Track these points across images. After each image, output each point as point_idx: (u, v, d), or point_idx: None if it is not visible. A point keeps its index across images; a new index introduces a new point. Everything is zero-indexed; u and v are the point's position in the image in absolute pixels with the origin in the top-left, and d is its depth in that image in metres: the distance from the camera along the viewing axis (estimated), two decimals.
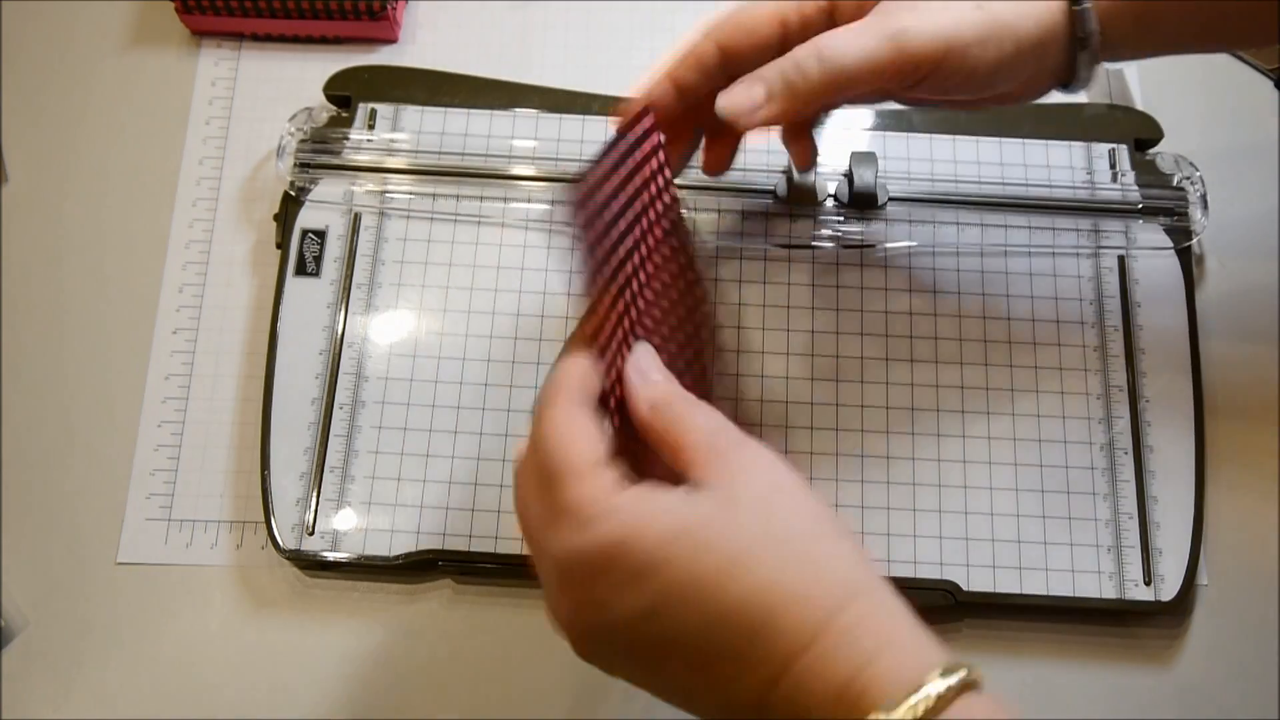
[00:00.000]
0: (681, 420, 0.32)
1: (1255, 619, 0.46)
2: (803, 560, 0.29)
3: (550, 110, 0.53)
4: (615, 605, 0.29)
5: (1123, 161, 0.51)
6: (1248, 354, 0.50)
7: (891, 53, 0.35)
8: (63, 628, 0.46)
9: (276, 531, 0.46)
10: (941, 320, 0.49)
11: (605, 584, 0.29)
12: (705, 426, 0.31)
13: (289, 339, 0.49)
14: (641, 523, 0.29)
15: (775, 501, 0.30)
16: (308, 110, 0.52)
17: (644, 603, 0.28)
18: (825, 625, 0.28)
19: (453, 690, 0.45)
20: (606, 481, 0.30)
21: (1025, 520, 0.46)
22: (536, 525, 0.31)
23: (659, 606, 0.28)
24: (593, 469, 0.30)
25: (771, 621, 0.27)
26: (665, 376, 0.34)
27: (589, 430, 0.31)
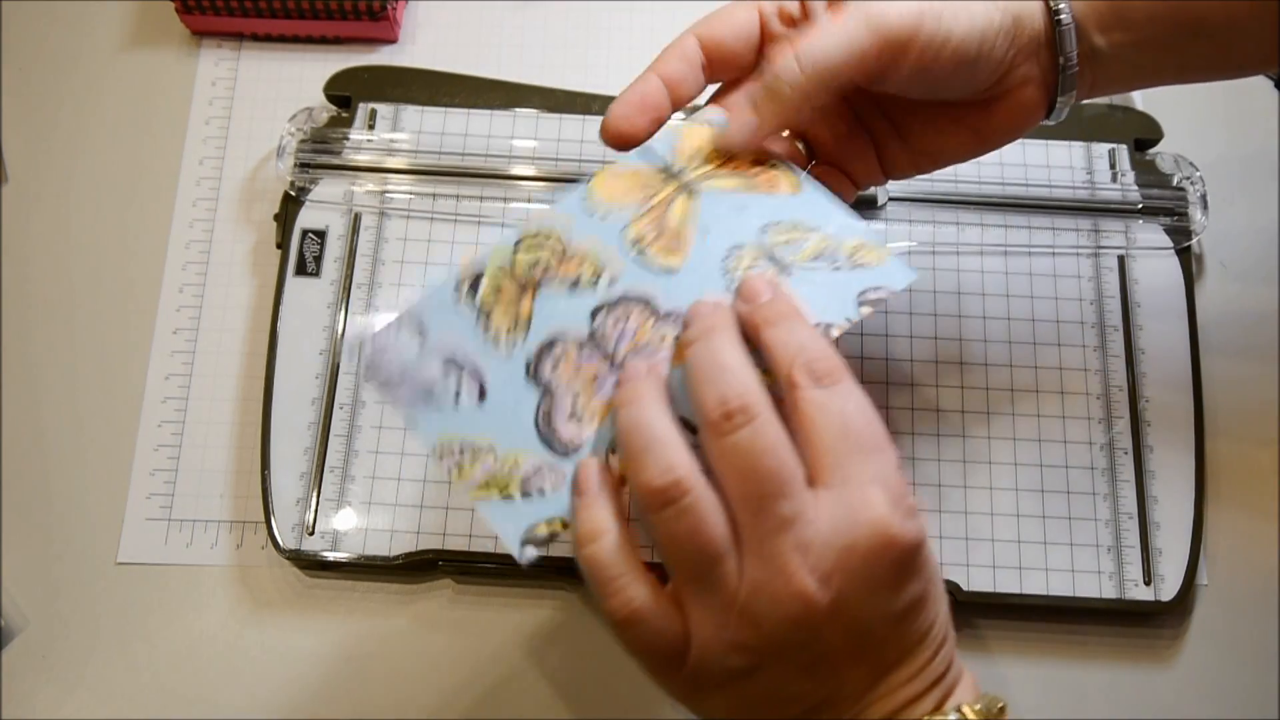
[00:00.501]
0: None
1: (1255, 619, 0.46)
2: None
3: (550, 110, 0.53)
4: (891, 599, 0.30)
5: (1123, 161, 0.51)
6: (1248, 354, 0.50)
7: (869, 35, 0.35)
8: (63, 628, 0.46)
9: (276, 531, 0.46)
10: (941, 320, 0.49)
11: (903, 574, 0.30)
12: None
13: (289, 339, 0.49)
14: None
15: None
16: (308, 110, 0.52)
17: (904, 603, 0.30)
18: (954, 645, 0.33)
19: (453, 690, 0.45)
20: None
21: (1025, 520, 0.46)
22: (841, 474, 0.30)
23: (911, 607, 0.30)
24: (898, 460, 0.32)
25: (946, 639, 0.32)
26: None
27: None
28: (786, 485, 0.29)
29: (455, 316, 0.35)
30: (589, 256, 0.36)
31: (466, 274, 0.36)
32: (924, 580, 0.31)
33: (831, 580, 0.29)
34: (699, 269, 0.36)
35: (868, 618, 0.30)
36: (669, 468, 0.30)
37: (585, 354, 0.35)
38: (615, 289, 0.35)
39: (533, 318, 0.35)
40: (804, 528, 0.29)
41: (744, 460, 0.30)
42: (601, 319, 0.35)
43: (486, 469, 0.33)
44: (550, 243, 0.36)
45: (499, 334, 0.35)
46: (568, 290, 0.35)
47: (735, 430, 0.30)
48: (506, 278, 0.36)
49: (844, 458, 0.30)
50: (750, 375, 0.31)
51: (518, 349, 0.35)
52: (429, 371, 0.35)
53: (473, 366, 0.35)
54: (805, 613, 0.29)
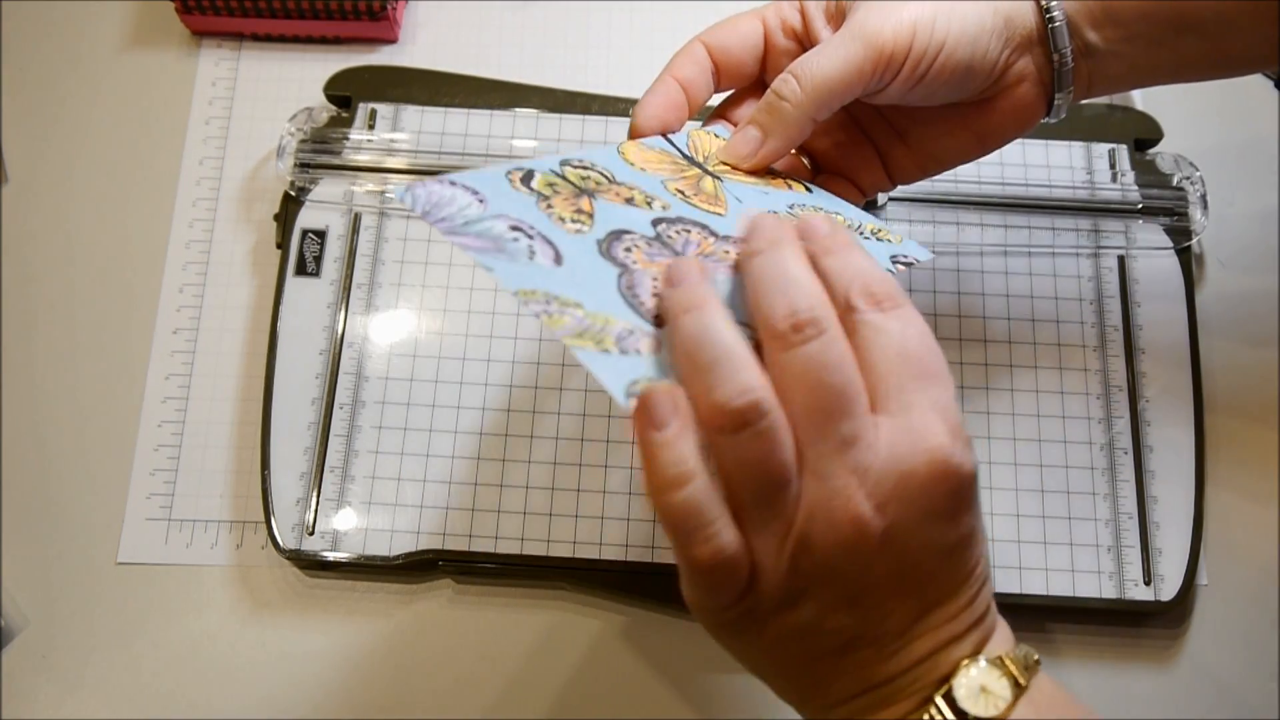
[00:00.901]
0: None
1: (1255, 619, 0.46)
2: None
3: (550, 110, 0.53)
4: (944, 530, 0.29)
5: (1122, 161, 0.51)
6: (1247, 354, 0.50)
7: (865, 51, 0.36)
8: (63, 628, 0.46)
9: (276, 531, 0.46)
10: (941, 320, 0.49)
11: (958, 506, 0.29)
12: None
13: (289, 339, 0.49)
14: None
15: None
16: (308, 110, 0.52)
17: (956, 536, 0.30)
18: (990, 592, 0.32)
19: (453, 690, 0.45)
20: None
21: (1025, 520, 0.46)
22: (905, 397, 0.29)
23: (961, 542, 0.30)
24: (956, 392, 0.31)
25: (978, 575, 0.31)
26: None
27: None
28: (851, 404, 0.28)
29: (513, 194, 0.33)
30: (638, 188, 0.35)
31: (516, 167, 0.34)
32: (975, 515, 0.30)
33: (887, 508, 0.28)
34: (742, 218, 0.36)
35: (919, 548, 0.29)
36: (747, 388, 0.28)
37: (654, 250, 0.33)
38: (671, 212, 0.35)
39: (594, 215, 0.33)
40: (863, 451, 0.28)
41: (813, 375, 0.28)
42: (664, 229, 0.34)
43: (578, 320, 0.30)
44: (595, 171, 0.35)
45: (563, 219, 0.33)
46: (623, 204, 0.34)
47: (806, 342, 0.29)
48: (559, 180, 0.34)
49: (904, 383, 0.29)
50: (819, 289, 0.30)
51: (587, 234, 0.33)
52: (496, 229, 0.31)
53: (542, 235, 0.32)
54: (858, 539, 0.28)
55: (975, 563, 0.31)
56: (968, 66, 0.37)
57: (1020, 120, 0.40)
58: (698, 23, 0.57)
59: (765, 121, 0.38)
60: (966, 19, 0.37)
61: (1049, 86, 0.40)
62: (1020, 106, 0.40)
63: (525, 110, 0.53)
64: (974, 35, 0.37)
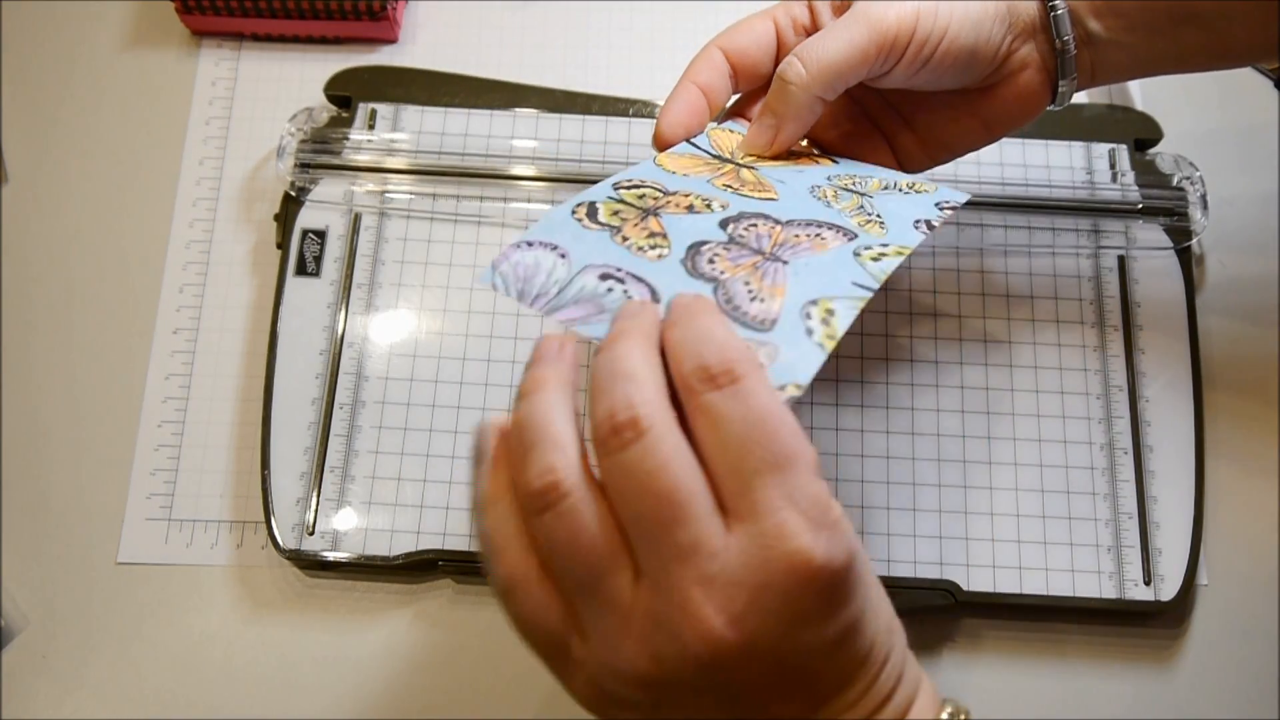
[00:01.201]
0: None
1: (1255, 619, 0.46)
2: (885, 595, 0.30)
3: (550, 110, 0.53)
4: (821, 630, 0.27)
5: (1122, 161, 0.51)
6: (1247, 354, 0.50)
7: (869, 34, 0.37)
8: (63, 628, 0.46)
9: (276, 531, 0.46)
10: (941, 320, 0.49)
11: (832, 602, 0.27)
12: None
13: (289, 339, 0.49)
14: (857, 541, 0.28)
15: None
16: (308, 110, 0.52)
17: (836, 632, 0.27)
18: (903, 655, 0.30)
19: (453, 690, 0.45)
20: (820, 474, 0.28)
21: (1025, 520, 0.46)
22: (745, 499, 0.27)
23: (845, 633, 0.27)
24: (814, 463, 0.27)
25: (889, 655, 0.29)
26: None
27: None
28: (682, 509, 0.26)
29: (586, 234, 0.33)
30: (692, 192, 0.36)
31: (578, 204, 0.34)
32: (858, 600, 0.27)
33: (745, 621, 0.26)
34: (795, 199, 0.37)
35: (792, 653, 0.27)
36: (548, 468, 0.27)
37: (733, 254, 0.33)
38: (731, 210, 0.35)
39: (667, 233, 0.34)
40: (707, 561, 0.26)
41: (636, 481, 0.26)
42: (733, 228, 0.34)
43: None
44: (647, 187, 0.36)
45: (641, 248, 0.33)
46: (687, 213, 0.35)
47: (624, 447, 0.26)
48: (621, 204, 0.35)
49: (749, 480, 0.26)
50: (650, 384, 0.27)
51: (668, 255, 0.32)
52: (589, 286, 0.31)
53: (631, 274, 0.32)
54: (713, 654, 0.26)
55: (868, 645, 0.28)
56: (971, 51, 0.38)
57: (1025, 107, 0.41)
58: (697, 23, 0.57)
59: (777, 107, 0.38)
60: (970, 4, 0.38)
61: (1053, 74, 0.40)
62: (1025, 93, 0.40)
63: (525, 110, 0.53)
64: (977, 20, 0.38)
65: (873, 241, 0.34)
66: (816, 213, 0.36)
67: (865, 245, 0.34)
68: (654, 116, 0.52)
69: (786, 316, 0.31)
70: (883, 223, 0.36)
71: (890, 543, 0.46)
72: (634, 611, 0.27)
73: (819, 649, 0.27)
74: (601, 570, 0.27)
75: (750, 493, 0.26)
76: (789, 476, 0.26)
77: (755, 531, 0.26)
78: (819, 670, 0.27)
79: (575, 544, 0.27)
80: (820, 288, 0.32)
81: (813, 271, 0.32)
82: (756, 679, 0.27)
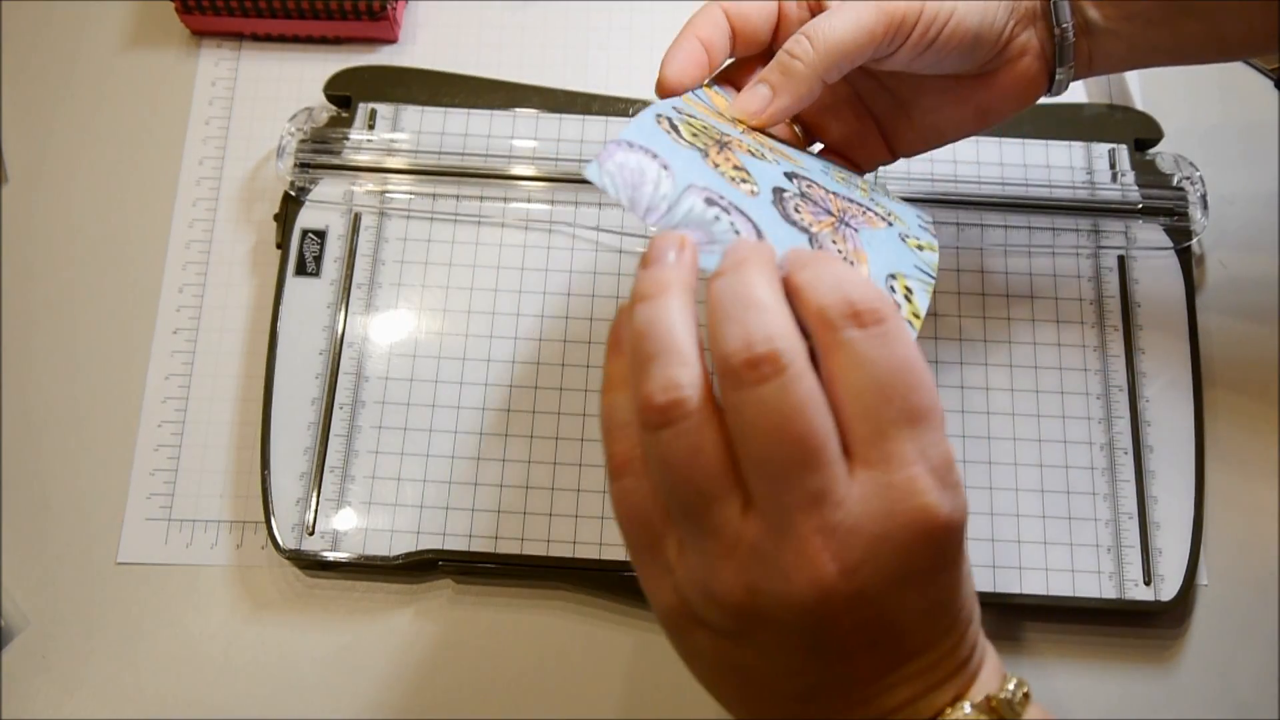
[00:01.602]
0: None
1: (1255, 619, 0.46)
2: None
3: (550, 110, 0.53)
4: (925, 590, 0.27)
5: (1122, 161, 0.51)
6: (1247, 354, 0.50)
7: (876, 13, 0.36)
8: (63, 628, 0.46)
9: (276, 531, 0.46)
10: (941, 320, 0.49)
11: (942, 561, 0.27)
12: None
13: (289, 339, 0.49)
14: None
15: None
16: (308, 110, 0.52)
17: (937, 594, 0.27)
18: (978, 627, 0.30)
19: (453, 690, 0.45)
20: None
21: (1025, 520, 0.46)
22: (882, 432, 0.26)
23: (952, 589, 0.28)
24: (944, 420, 0.27)
25: (961, 621, 0.29)
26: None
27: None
28: (815, 456, 0.25)
29: (678, 148, 0.31)
30: (740, 139, 0.35)
31: (657, 114, 0.33)
32: (963, 563, 0.28)
33: (859, 572, 0.25)
34: (814, 167, 0.36)
35: (894, 609, 0.26)
36: (673, 384, 0.26)
37: (812, 208, 0.32)
38: (784, 165, 0.34)
39: (747, 167, 0.32)
40: (832, 509, 0.25)
41: (769, 421, 0.25)
42: (798, 184, 0.33)
43: None
44: (698, 121, 0.35)
45: (731, 178, 0.31)
46: (750, 156, 0.33)
47: (761, 382, 0.25)
48: (698, 121, 0.33)
49: (885, 427, 0.26)
50: (785, 317, 0.26)
51: (759, 194, 0.31)
52: (697, 210, 0.30)
53: (735, 206, 0.30)
54: (821, 601, 0.26)
55: (958, 610, 0.28)
56: (976, 35, 0.38)
57: (1022, 95, 0.41)
58: None
59: (776, 80, 0.37)
60: None
61: (1050, 62, 0.40)
62: (1022, 80, 0.40)
63: (525, 110, 0.53)
64: (983, 3, 0.38)
65: (907, 231, 0.34)
66: (845, 191, 0.36)
67: (904, 233, 0.34)
68: None
69: (875, 283, 0.30)
70: (898, 217, 0.36)
71: None
72: (740, 542, 0.26)
73: (920, 607, 0.27)
74: (712, 496, 0.26)
75: (885, 441, 0.26)
76: (925, 430, 0.26)
77: (885, 482, 0.26)
78: (912, 627, 0.27)
79: (691, 466, 0.26)
80: (894, 263, 0.31)
81: (881, 245, 0.32)
82: (852, 628, 0.26)
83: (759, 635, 0.27)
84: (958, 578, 0.28)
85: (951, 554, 0.27)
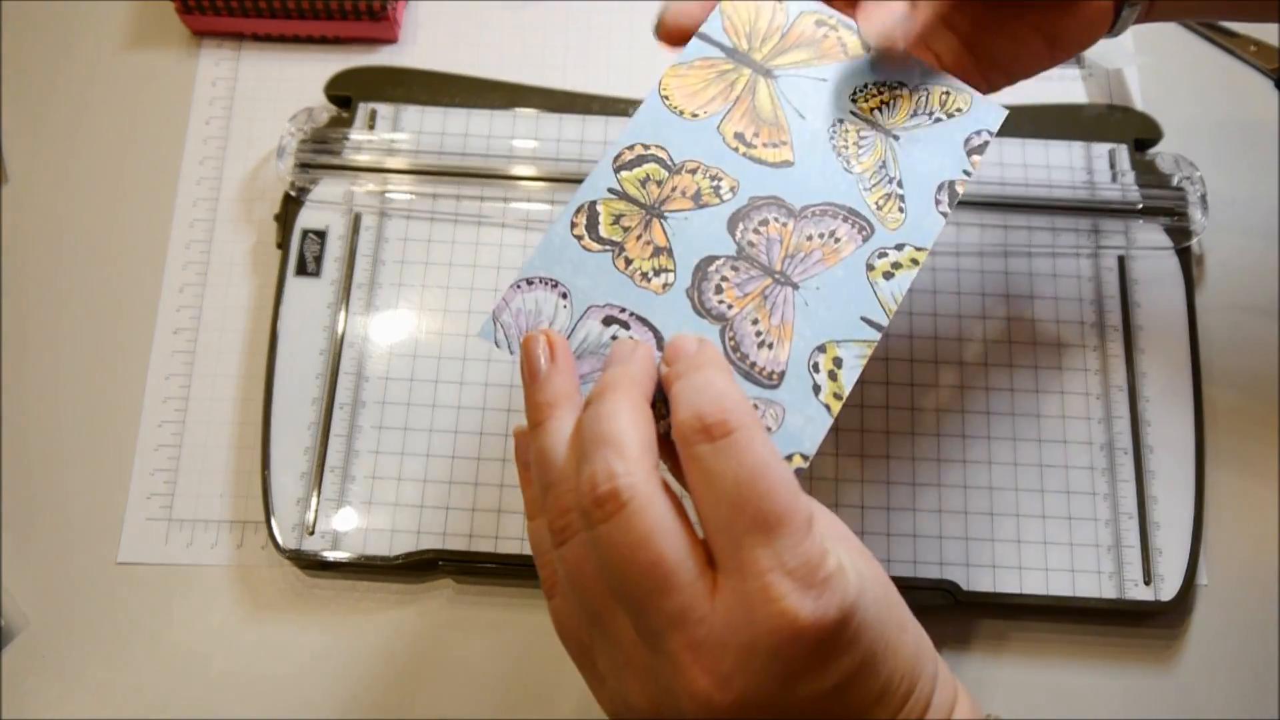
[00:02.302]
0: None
1: (1255, 619, 0.46)
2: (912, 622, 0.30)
3: (550, 110, 0.53)
4: (815, 682, 0.26)
5: (1122, 161, 0.51)
6: (1247, 354, 0.50)
7: None
8: (63, 628, 0.46)
9: (276, 531, 0.46)
10: (941, 320, 0.49)
11: (824, 657, 0.26)
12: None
13: (289, 339, 0.49)
14: (862, 585, 0.27)
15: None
16: (308, 110, 0.52)
17: (834, 681, 0.27)
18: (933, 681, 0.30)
19: (453, 690, 0.45)
20: (818, 528, 0.27)
21: (1025, 520, 0.46)
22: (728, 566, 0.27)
23: (852, 677, 0.27)
24: (809, 519, 0.27)
25: (914, 687, 0.29)
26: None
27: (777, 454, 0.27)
28: (668, 580, 0.26)
29: (586, 259, 0.32)
30: (699, 164, 0.34)
31: (577, 208, 0.33)
32: (862, 646, 0.27)
33: (733, 681, 0.26)
34: (812, 157, 0.35)
35: (791, 707, 0.26)
36: (567, 512, 0.28)
37: (742, 273, 0.32)
38: (741, 195, 0.34)
39: (671, 244, 0.33)
40: (695, 625, 0.26)
41: (618, 554, 0.26)
42: (742, 230, 0.33)
43: None
44: (651, 152, 0.34)
45: (644, 272, 0.32)
46: (694, 205, 0.33)
47: (607, 519, 0.26)
48: (622, 203, 0.34)
49: (739, 537, 0.26)
50: (635, 446, 0.27)
51: (673, 285, 0.32)
52: (593, 333, 0.31)
53: (635, 313, 0.31)
54: (709, 713, 0.26)
55: (882, 683, 0.28)
56: None
57: (1089, 31, 0.39)
58: None
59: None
60: None
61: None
62: (1093, 14, 0.39)
63: (525, 110, 0.53)
64: None
65: (888, 241, 0.34)
66: (834, 186, 0.35)
67: (879, 250, 0.34)
68: None
69: (794, 368, 0.31)
70: (903, 198, 0.35)
71: (890, 543, 0.46)
72: (634, 658, 0.27)
73: (819, 698, 0.26)
74: (605, 616, 0.28)
75: (740, 551, 0.26)
76: (779, 537, 0.26)
77: (742, 591, 0.26)
78: (825, 714, 0.27)
79: (584, 588, 0.28)
80: (829, 328, 0.32)
81: (822, 302, 0.32)
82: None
83: None
84: (861, 660, 0.27)
85: (835, 647, 0.26)
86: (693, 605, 0.26)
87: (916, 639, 0.29)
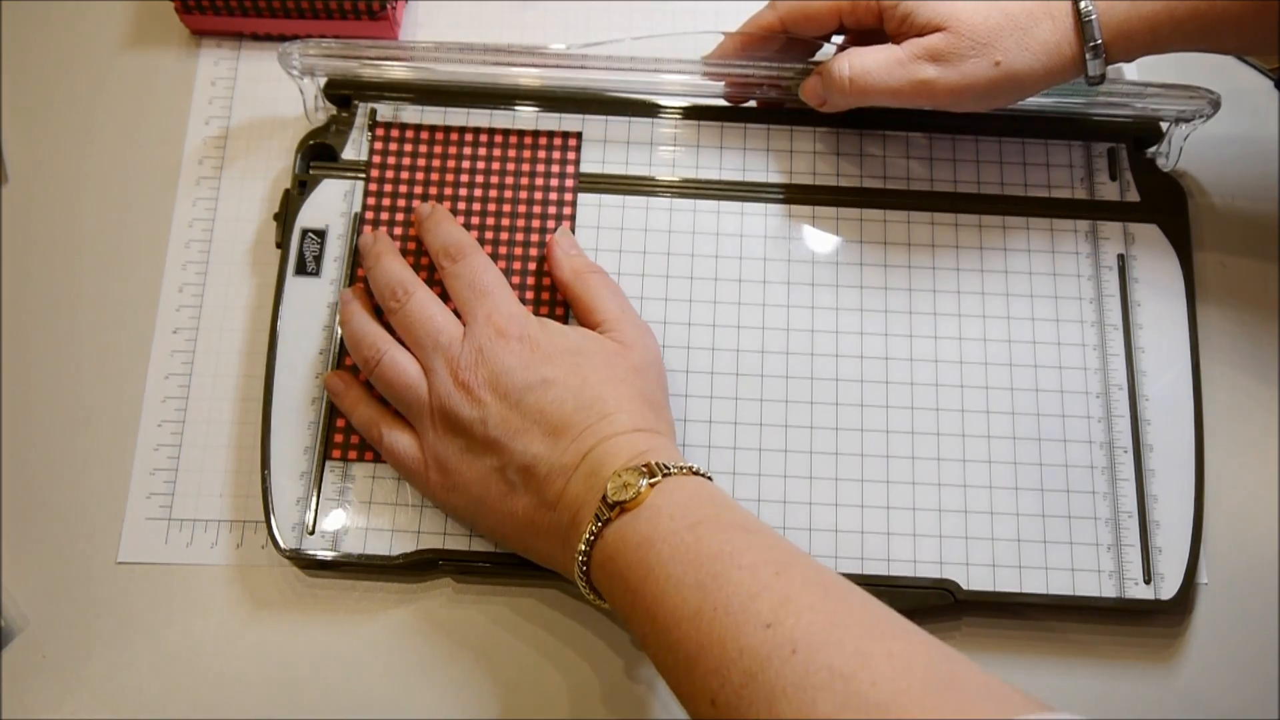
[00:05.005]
0: (599, 290, 0.47)
1: (1255, 618, 0.46)
2: (655, 395, 0.44)
3: (550, 110, 0.53)
4: (523, 375, 0.43)
5: (1122, 161, 0.51)
6: (1247, 354, 0.50)
7: (914, 89, 0.44)
8: (63, 628, 0.46)
9: (276, 531, 0.46)
10: (941, 320, 0.49)
11: (522, 356, 0.43)
12: (615, 300, 0.47)
13: (289, 339, 0.49)
14: (551, 325, 0.45)
15: (656, 362, 0.46)
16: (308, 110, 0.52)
17: (538, 377, 0.43)
18: (645, 425, 0.42)
19: (453, 690, 0.45)
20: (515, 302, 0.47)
21: (1025, 519, 0.46)
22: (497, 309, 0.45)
23: (544, 382, 0.42)
24: (510, 293, 0.47)
25: (616, 415, 0.42)
26: (581, 252, 0.49)
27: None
28: (440, 332, 0.44)
29: None
30: None
31: None
32: (554, 363, 0.43)
33: (476, 375, 0.43)
34: None
35: (507, 391, 0.42)
36: (370, 345, 0.46)
37: None
38: None
39: None
40: (455, 353, 0.44)
41: (409, 321, 0.45)
42: None
43: None
44: None
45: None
46: None
47: (401, 307, 0.45)
48: None
49: (470, 304, 0.45)
50: (403, 268, 0.47)
51: None
52: None
53: None
54: (469, 400, 0.43)
55: (573, 394, 0.42)
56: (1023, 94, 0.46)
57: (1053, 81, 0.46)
58: (698, 23, 0.57)
59: (823, 83, 0.47)
60: (1016, 94, 0.45)
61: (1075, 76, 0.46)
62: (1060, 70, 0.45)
63: (525, 109, 0.53)
64: (1021, 96, 0.46)
65: None
66: None
67: None
68: (654, 115, 0.52)
69: None
70: None
71: (890, 542, 0.46)
72: (431, 401, 0.44)
73: (526, 386, 0.42)
74: (413, 385, 0.44)
75: (471, 311, 0.45)
76: (490, 300, 0.45)
77: (473, 331, 0.44)
78: (536, 408, 0.42)
79: (397, 379, 0.45)
80: None
81: None
82: (496, 419, 0.42)
83: (464, 447, 0.43)
84: (556, 371, 0.43)
85: (529, 350, 0.44)
86: (452, 342, 0.44)
87: (635, 396, 0.43)
